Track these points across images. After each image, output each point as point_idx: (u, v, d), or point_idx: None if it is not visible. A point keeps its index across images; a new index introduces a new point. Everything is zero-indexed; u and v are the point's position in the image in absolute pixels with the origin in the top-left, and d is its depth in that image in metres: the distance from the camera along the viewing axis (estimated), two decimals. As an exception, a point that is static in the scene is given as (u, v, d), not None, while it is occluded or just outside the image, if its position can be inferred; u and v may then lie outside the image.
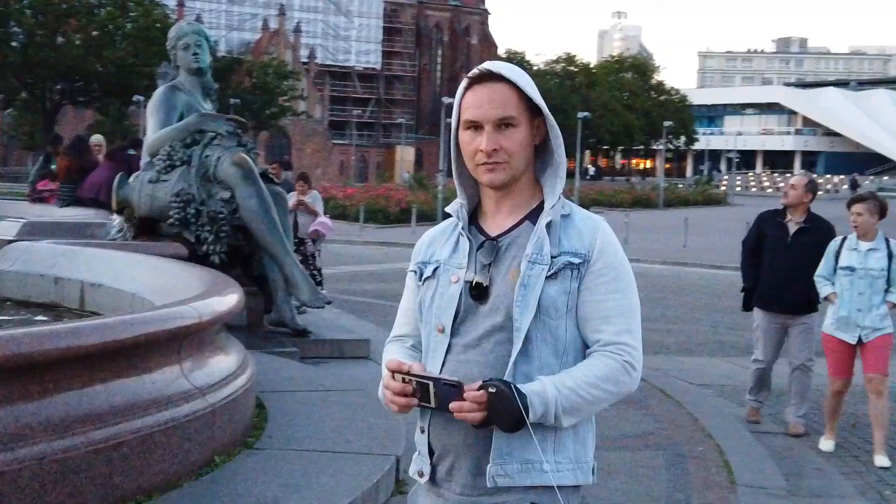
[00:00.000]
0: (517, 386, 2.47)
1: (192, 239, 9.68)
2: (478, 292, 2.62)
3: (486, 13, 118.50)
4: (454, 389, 2.44)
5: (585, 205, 42.40)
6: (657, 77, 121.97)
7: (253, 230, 9.66)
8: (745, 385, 10.54)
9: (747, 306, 9.06)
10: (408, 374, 2.50)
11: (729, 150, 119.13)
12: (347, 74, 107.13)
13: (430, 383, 2.47)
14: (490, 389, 2.43)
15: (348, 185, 55.56)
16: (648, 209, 53.79)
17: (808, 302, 8.50)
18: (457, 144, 2.72)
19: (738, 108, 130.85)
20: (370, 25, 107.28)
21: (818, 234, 8.43)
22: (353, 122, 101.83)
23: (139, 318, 5.08)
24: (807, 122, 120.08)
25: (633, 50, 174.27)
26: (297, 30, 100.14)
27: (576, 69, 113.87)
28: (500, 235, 2.67)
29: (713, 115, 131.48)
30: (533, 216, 2.67)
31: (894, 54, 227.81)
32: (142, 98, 63.03)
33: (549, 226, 2.63)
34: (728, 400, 9.90)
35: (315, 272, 13.82)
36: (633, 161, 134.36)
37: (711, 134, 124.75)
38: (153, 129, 10.22)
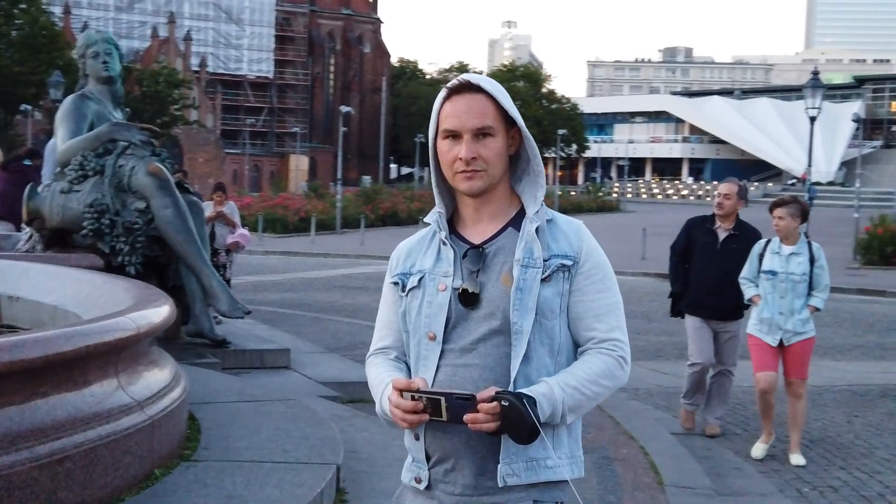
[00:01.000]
0: (525, 391, 2.53)
1: (107, 250, 9.50)
2: (468, 299, 2.67)
3: (378, 22, 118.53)
4: (467, 402, 2.48)
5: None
6: (548, 86, 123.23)
7: (170, 240, 9.52)
8: (657, 388, 10.80)
9: (675, 311, 9.12)
10: (418, 391, 2.54)
11: (619, 158, 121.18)
12: (239, 83, 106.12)
13: (442, 398, 2.51)
14: (503, 403, 2.47)
15: (243, 194, 55.06)
16: (544, 216, 54.25)
17: (736, 307, 8.64)
18: (434, 154, 2.77)
19: (628, 117, 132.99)
20: (262, 34, 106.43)
21: (747, 240, 8.52)
22: (245, 132, 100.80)
23: (81, 331, 4.98)
24: (694, 129, 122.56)
25: (523, 59, 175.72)
26: (188, 38, 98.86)
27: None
28: (484, 242, 2.72)
29: (603, 123, 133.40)
30: (515, 223, 2.74)
31: (776, 64, 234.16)
32: (29, 107, 61.67)
33: (536, 231, 2.69)
34: (642, 402, 10.09)
35: (225, 283, 13.67)
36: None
37: (602, 142, 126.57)
38: (63, 138, 10.00)
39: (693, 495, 6.75)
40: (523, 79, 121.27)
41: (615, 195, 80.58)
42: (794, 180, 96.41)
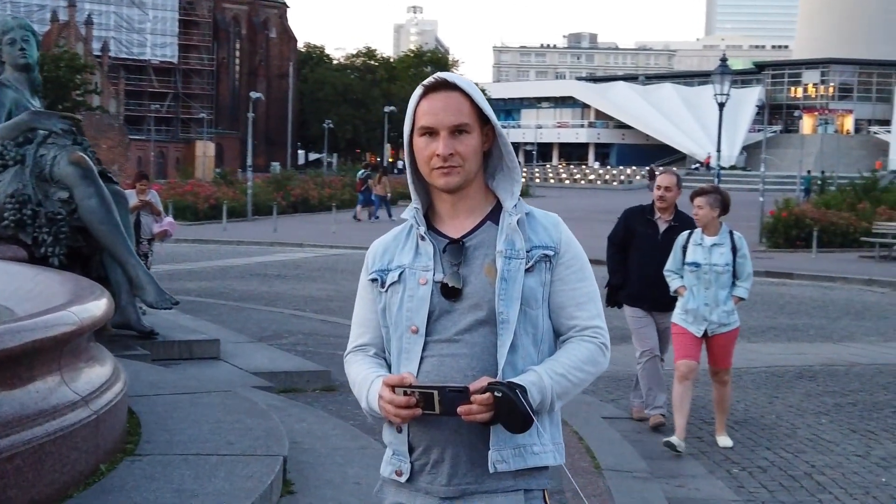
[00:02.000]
0: (516, 380, 2.58)
1: (29, 241, 9.33)
2: (449, 292, 2.71)
3: (284, 6, 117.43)
4: (460, 395, 2.53)
5: (395, 199, 42.65)
6: (455, 71, 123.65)
7: (94, 231, 9.38)
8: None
9: (613, 302, 8.99)
10: (410, 386, 2.57)
11: (527, 143, 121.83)
12: (143, 68, 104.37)
13: (435, 392, 2.54)
14: (496, 394, 2.52)
15: (150, 181, 54.11)
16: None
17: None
18: (409, 151, 2.82)
19: (534, 102, 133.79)
20: (165, 18, 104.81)
21: (686, 231, 8.34)
22: (150, 117, 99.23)
23: (26, 326, 4.91)
24: (599, 115, 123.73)
25: (429, 44, 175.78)
26: (89, 22, 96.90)
27: (376, 63, 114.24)
28: (464, 236, 2.77)
29: (510, 108, 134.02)
30: (493, 217, 2.80)
31: (678, 50, 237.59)
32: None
33: (517, 223, 2.75)
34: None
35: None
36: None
37: (509, 127, 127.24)
38: (-20, 127, 9.77)
39: (631, 479, 6.88)
40: (431, 64, 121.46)
41: (524, 180, 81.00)
42: (697, 164, 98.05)
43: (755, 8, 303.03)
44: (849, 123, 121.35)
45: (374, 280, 2.85)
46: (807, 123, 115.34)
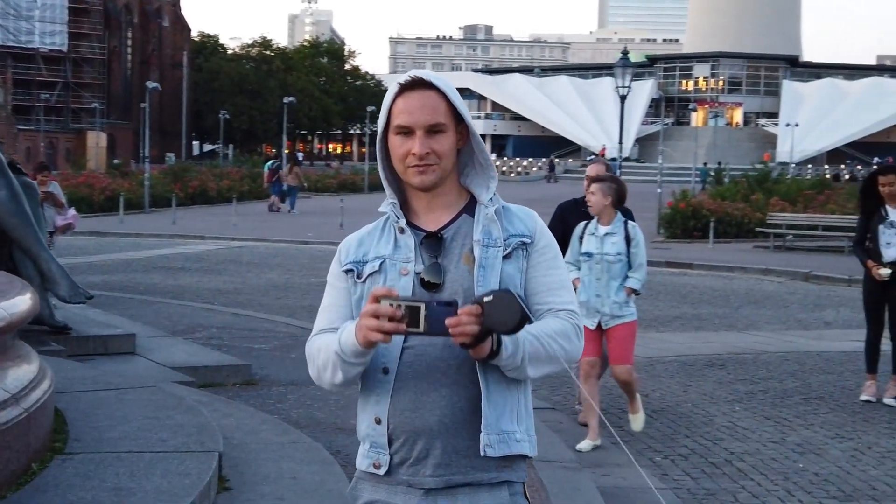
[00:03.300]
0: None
1: (-65, 235, 9.05)
2: (429, 285, 2.71)
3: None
4: (448, 308, 2.47)
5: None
6: (352, 62, 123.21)
7: (4, 224, 9.13)
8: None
9: None
10: (397, 298, 2.50)
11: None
12: (31, 56, 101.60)
13: (422, 305, 2.47)
14: (486, 298, 2.48)
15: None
16: (355, 193, 54.33)
17: None
18: (383, 148, 2.83)
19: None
20: (54, 5, 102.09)
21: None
22: (39, 107, 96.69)
23: (-42, 323, 4.77)
24: (496, 106, 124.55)
25: (324, 35, 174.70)
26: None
27: (272, 54, 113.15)
28: (441, 229, 2.78)
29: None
30: (469, 210, 2.83)
31: (572, 42, 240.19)
32: None
33: (494, 213, 2.78)
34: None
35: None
36: (331, 146, 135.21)
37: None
38: None
39: (561, 469, 6.94)
40: (327, 55, 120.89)
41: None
42: (592, 156, 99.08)
43: (647, 2, 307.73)
44: (738, 116, 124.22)
45: (349, 271, 2.83)
46: (698, 116, 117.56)
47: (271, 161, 42.75)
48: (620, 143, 32.83)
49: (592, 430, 7.87)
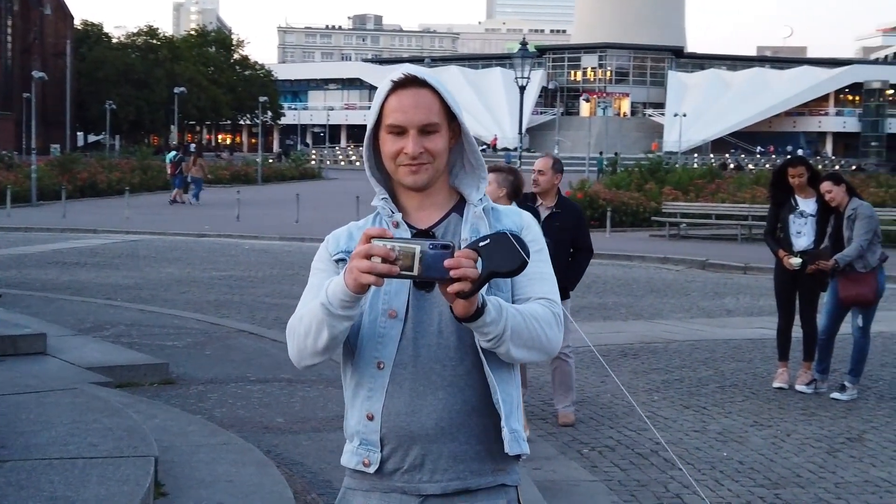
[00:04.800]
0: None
1: None
2: (422, 285, 2.64)
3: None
4: (445, 252, 2.33)
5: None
6: (241, 52, 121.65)
7: None
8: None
9: None
10: (391, 239, 2.36)
11: (315, 126, 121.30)
12: None
13: (417, 247, 2.33)
14: (482, 243, 2.39)
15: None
16: (248, 185, 53.66)
17: (562, 288, 8.32)
18: (371, 144, 2.77)
19: (322, 84, 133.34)
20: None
21: (569, 217, 8.30)
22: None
23: None
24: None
25: (212, 24, 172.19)
26: None
27: (158, 43, 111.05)
28: (432, 226, 2.73)
29: (297, 90, 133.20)
30: (458, 209, 2.77)
31: (461, 33, 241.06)
32: None
33: (482, 212, 2.74)
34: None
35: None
36: (220, 136, 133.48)
37: (296, 109, 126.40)
38: None
39: (494, 463, 6.92)
40: (215, 44, 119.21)
41: (314, 163, 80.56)
42: (484, 146, 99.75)
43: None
44: (625, 106, 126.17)
45: (340, 260, 2.73)
46: (586, 106, 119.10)
47: (174, 153, 42.00)
48: (521, 133, 32.96)
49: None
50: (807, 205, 9.73)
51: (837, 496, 6.71)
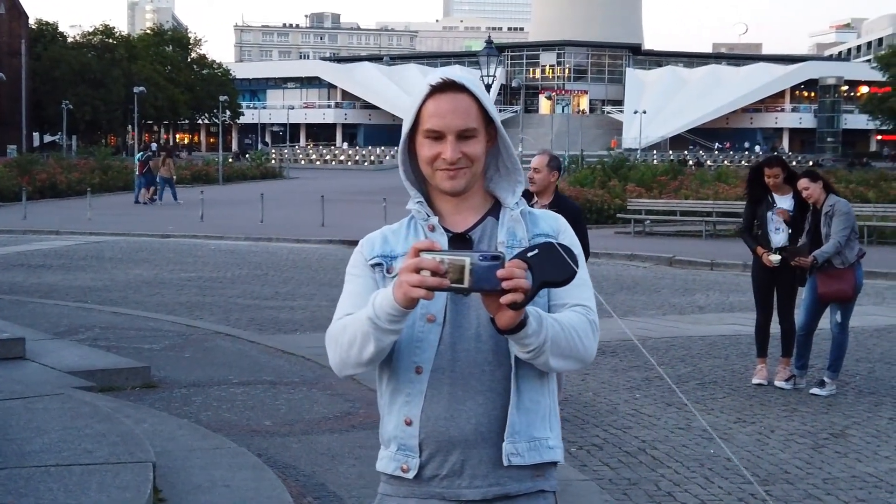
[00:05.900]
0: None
1: None
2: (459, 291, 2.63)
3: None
4: (495, 263, 2.32)
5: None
6: (198, 51, 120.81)
7: None
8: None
9: None
10: (440, 252, 2.35)
11: (274, 124, 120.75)
12: None
13: (467, 259, 2.32)
14: (530, 253, 2.39)
15: None
16: (209, 184, 53.28)
17: None
18: (406, 148, 2.74)
19: (280, 82, 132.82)
20: None
21: (566, 216, 8.22)
22: None
23: None
24: (346, 95, 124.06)
25: (166, 23, 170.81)
26: None
27: (115, 42, 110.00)
28: (468, 230, 2.72)
29: (256, 88, 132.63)
30: (494, 213, 2.76)
31: (419, 31, 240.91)
32: None
33: (519, 215, 2.73)
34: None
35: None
36: (178, 136, 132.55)
37: (255, 107, 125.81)
38: None
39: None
40: (172, 43, 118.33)
41: (274, 162, 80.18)
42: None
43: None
44: (584, 103, 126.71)
45: (377, 265, 2.71)
46: (545, 104, 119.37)
47: (141, 153, 41.70)
48: (487, 132, 32.79)
49: None
50: (783, 202, 9.82)
51: (827, 492, 6.77)
